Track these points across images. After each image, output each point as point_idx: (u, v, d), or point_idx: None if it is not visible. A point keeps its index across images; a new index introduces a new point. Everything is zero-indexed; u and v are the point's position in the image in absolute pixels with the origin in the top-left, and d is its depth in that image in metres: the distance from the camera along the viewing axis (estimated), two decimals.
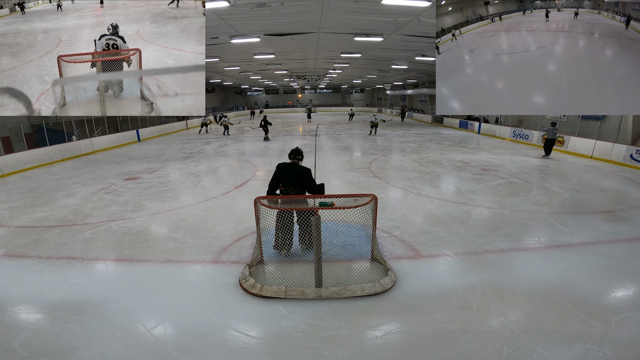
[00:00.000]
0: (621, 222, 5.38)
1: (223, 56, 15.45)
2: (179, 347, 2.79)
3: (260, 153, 12.65)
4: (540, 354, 2.64)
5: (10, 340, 2.90)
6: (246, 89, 44.01)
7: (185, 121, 24.24)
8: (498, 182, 7.83)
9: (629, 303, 3.33)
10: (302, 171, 4.12)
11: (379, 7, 8.06)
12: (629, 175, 8.53)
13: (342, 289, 3.51)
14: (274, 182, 4.18)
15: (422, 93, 29.67)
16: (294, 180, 4.11)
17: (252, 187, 7.71)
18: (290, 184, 4.11)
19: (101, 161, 11.98)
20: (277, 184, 4.18)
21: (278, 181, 4.17)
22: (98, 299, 3.47)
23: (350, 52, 15.68)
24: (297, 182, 4.11)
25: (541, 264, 4.06)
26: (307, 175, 4.11)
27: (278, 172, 4.17)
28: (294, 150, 4.26)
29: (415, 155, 11.55)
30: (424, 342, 2.81)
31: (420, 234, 4.95)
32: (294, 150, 4.26)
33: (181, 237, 4.99)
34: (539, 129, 13.43)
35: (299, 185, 4.12)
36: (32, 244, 4.88)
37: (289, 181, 4.12)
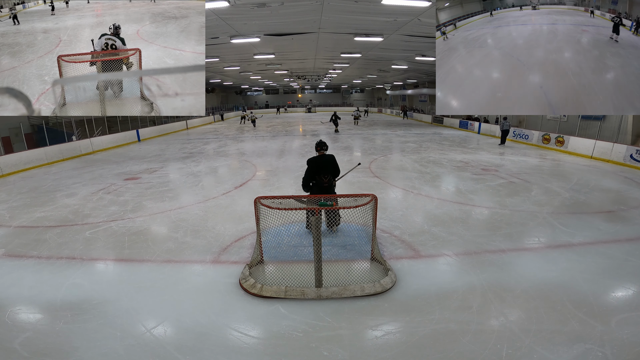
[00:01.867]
0: (621, 222, 5.38)
1: (223, 56, 15.44)
2: (179, 347, 2.79)
3: (260, 153, 12.65)
4: (540, 354, 2.64)
5: (10, 340, 2.90)
6: (246, 89, 44.03)
7: (186, 121, 24.24)
8: (498, 182, 7.83)
9: (629, 303, 3.33)
10: (329, 159, 4.60)
11: (379, 7, 8.05)
12: (629, 175, 8.53)
13: (342, 289, 3.51)
14: (309, 176, 4.58)
15: (422, 93, 29.66)
16: (327, 169, 4.56)
17: (252, 187, 7.72)
18: (324, 173, 4.55)
19: (101, 161, 11.98)
20: (312, 177, 4.57)
21: (312, 174, 4.56)
22: (98, 299, 3.47)
23: (350, 52, 15.66)
24: (329, 171, 4.57)
25: (541, 264, 4.06)
26: (335, 161, 4.62)
27: (312, 165, 4.56)
28: (320, 143, 4.73)
29: (415, 155, 11.55)
30: (424, 342, 2.81)
31: (420, 234, 4.95)
32: (319, 143, 4.73)
33: (181, 237, 4.99)
34: (499, 124, 14.86)
35: (331, 173, 4.59)
36: (32, 244, 4.88)
37: (323, 171, 4.55)
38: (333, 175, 4.64)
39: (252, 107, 41.37)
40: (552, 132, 12.98)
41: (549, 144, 12.89)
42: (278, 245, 4.50)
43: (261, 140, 16.68)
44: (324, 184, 4.54)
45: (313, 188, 4.63)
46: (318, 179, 4.54)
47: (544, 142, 13.16)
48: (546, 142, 13.07)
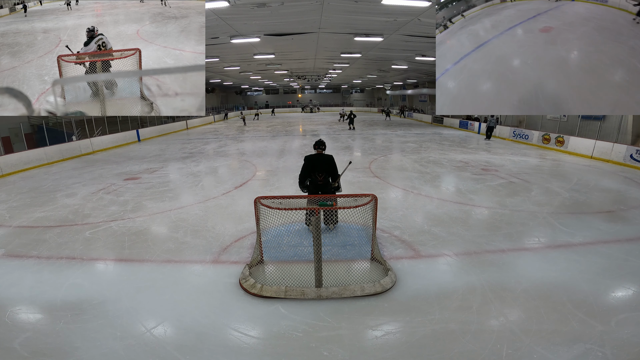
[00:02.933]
0: (621, 222, 5.38)
1: (223, 56, 15.44)
2: (179, 347, 2.79)
3: (260, 153, 12.65)
4: (540, 354, 2.64)
5: (10, 340, 2.90)
6: (246, 89, 44.05)
7: (185, 121, 24.24)
8: (498, 182, 7.83)
9: (629, 303, 3.33)
10: (327, 159, 4.66)
11: (379, 7, 8.05)
12: (629, 175, 8.53)
13: (342, 289, 3.51)
14: (304, 173, 4.68)
15: (422, 93, 29.65)
16: (321, 168, 4.62)
17: (252, 187, 7.72)
18: (319, 171, 4.62)
19: (101, 161, 11.97)
20: (307, 174, 4.67)
21: (307, 171, 4.65)
22: (98, 299, 3.47)
23: (350, 52, 15.66)
24: (324, 169, 4.62)
25: (541, 264, 4.06)
26: (332, 161, 4.66)
27: (307, 163, 4.66)
28: (318, 142, 4.80)
29: (415, 155, 11.55)
30: (424, 342, 2.81)
31: (420, 234, 4.95)
32: (317, 142, 4.80)
33: (181, 237, 4.99)
34: (485, 121, 16.53)
35: (326, 172, 4.65)
36: (32, 244, 4.88)
37: (317, 169, 4.62)
38: (329, 174, 4.69)
39: (252, 107, 42.69)
40: (552, 132, 12.99)
41: (549, 144, 12.90)
42: (278, 245, 4.51)
43: (261, 140, 16.69)
44: (319, 181, 4.65)
45: (310, 186, 4.74)
46: (313, 176, 4.65)
47: (544, 142, 13.17)
48: (546, 142, 13.08)
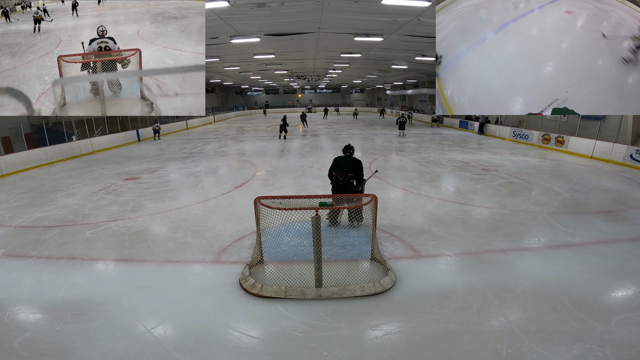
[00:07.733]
0: (621, 222, 5.38)
1: (223, 56, 15.43)
2: (179, 347, 2.79)
3: (260, 153, 12.65)
4: (540, 354, 2.64)
5: (10, 340, 2.90)
6: (246, 89, 44.04)
7: (186, 121, 24.24)
8: (498, 182, 7.83)
9: (629, 303, 3.34)
10: (350, 160, 5.21)
11: (379, 7, 8.05)
12: (629, 175, 8.53)
13: (342, 289, 3.51)
14: (330, 170, 5.29)
15: (422, 93, 29.64)
16: (342, 168, 5.11)
17: (252, 187, 7.72)
18: (340, 171, 5.10)
19: (101, 161, 11.97)
20: (332, 171, 5.25)
21: (331, 169, 5.26)
22: (98, 299, 3.47)
23: (350, 52, 15.65)
24: (349, 169, 5.08)
25: (541, 264, 4.06)
26: (356, 163, 5.18)
27: (333, 162, 5.30)
28: (346, 146, 5.46)
29: (415, 155, 11.55)
30: (424, 342, 2.81)
31: (420, 234, 4.95)
32: (346, 146, 5.45)
33: (181, 237, 4.99)
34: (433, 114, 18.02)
35: (347, 172, 5.10)
36: (32, 244, 4.88)
37: (338, 169, 5.13)
38: (354, 175, 5.12)
39: (252, 107, 43.87)
40: (552, 132, 12.98)
41: (549, 144, 12.89)
42: (278, 245, 4.50)
43: (261, 140, 16.69)
44: (339, 182, 5.09)
45: (332, 185, 5.33)
46: (335, 175, 5.14)
47: (544, 142, 13.17)
48: (546, 142, 13.07)
